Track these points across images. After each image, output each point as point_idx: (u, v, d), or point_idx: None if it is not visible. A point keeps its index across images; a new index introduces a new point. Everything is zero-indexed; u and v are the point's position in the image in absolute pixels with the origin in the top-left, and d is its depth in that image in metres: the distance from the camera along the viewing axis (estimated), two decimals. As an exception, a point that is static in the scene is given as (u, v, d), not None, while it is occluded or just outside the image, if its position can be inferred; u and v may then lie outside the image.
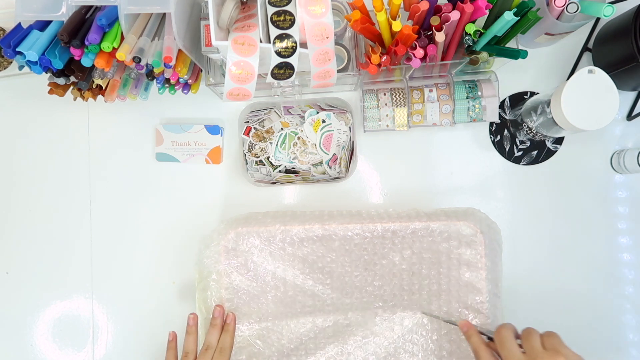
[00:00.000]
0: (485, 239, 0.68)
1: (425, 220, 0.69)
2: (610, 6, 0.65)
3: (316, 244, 0.70)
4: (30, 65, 0.67)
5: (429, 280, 0.70)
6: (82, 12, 0.67)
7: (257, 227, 0.70)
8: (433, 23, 0.68)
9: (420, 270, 0.70)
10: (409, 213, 0.71)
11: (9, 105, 0.88)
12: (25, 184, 0.87)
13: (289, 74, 0.63)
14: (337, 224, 0.69)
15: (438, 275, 0.70)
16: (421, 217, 0.70)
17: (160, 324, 0.83)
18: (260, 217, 0.72)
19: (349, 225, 0.69)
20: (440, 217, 0.70)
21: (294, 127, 0.81)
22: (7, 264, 0.86)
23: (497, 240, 0.71)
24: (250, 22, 0.61)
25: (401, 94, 0.81)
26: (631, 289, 0.83)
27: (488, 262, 0.68)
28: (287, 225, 0.69)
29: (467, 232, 0.69)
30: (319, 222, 0.70)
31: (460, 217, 0.69)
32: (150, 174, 0.86)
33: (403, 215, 0.70)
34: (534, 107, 0.76)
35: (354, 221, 0.70)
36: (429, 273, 0.70)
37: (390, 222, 0.69)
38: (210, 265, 0.71)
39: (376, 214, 0.71)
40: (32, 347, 0.85)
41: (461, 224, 0.69)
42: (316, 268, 0.71)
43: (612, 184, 0.84)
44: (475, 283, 0.68)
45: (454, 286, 0.70)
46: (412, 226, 0.69)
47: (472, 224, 0.68)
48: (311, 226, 0.69)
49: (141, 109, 0.86)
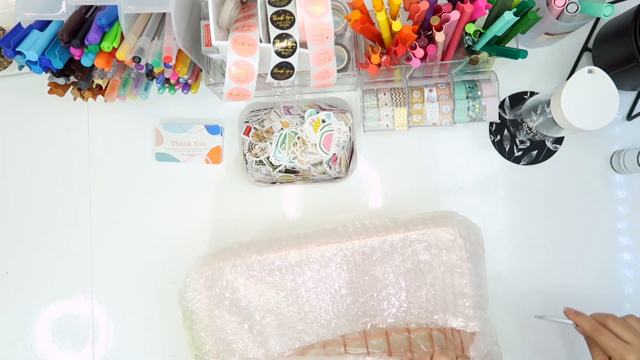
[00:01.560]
0: (465, 243, 0.66)
1: (403, 231, 0.67)
2: (610, 6, 0.65)
3: (295, 270, 0.69)
4: (30, 65, 0.67)
5: (414, 292, 0.69)
6: (82, 11, 0.67)
7: (233, 259, 0.68)
8: (433, 23, 0.68)
9: (404, 282, 0.69)
10: (385, 225, 0.69)
11: (9, 105, 0.88)
12: (25, 184, 0.87)
13: (288, 74, 0.63)
14: (314, 246, 0.67)
15: (422, 286, 0.69)
16: (398, 229, 0.68)
17: (160, 324, 0.83)
18: (235, 247, 0.70)
19: (325, 246, 0.67)
20: (418, 225, 0.68)
21: (294, 127, 0.81)
22: (7, 264, 0.86)
23: (478, 241, 0.70)
24: (250, 22, 0.61)
25: (401, 94, 0.81)
26: (631, 289, 0.83)
27: (471, 265, 0.67)
28: (263, 254, 0.67)
29: (447, 237, 0.67)
30: (295, 246, 0.68)
31: (438, 223, 0.68)
32: (150, 173, 0.86)
33: (380, 228, 0.68)
34: (534, 107, 0.76)
35: (331, 241, 0.68)
36: (412, 284, 0.69)
37: (367, 238, 0.67)
38: (193, 304, 0.69)
39: (353, 229, 0.69)
40: (32, 347, 0.85)
41: (439, 230, 0.67)
42: (298, 294, 0.69)
43: (612, 184, 0.84)
44: (462, 288, 0.67)
45: (440, 294, 0.69)
46: (389, 239, 0.67)
47: (450, 228, 0.66)
48: (287, 252, 0.67)
49: (141, 109, 0.86)
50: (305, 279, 0.69)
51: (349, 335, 0.74)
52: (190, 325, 0.70)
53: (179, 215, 0.85)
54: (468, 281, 0.67)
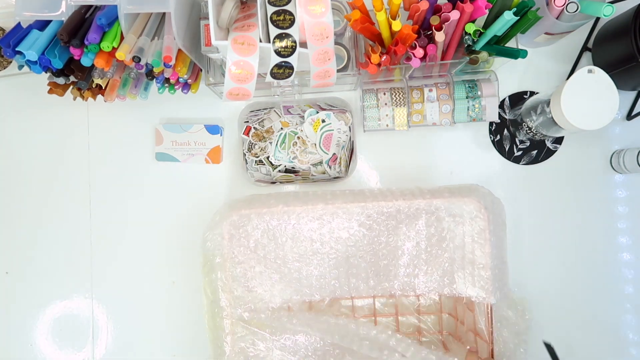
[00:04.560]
0: (489, 215, 0.67)
1: (429, 198, 0.68)
2: (610, 6, 0.65)
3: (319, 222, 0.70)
4: (30, 65, 0.67)
5: (435, 257, 0.70)
6: (82, 11, 0.67)
7: (259, 208, 0.68)
8: (433, 23, 0.68)
9: (426, 247, 0.70)
10: (412, 191, 0.69)
11: (9, 105, 0.88)
12: (25, 184, 0.87)
13: (288, 74, 0.63)
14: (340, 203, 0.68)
15: (443, 252, 0.70)
16: (425, 195, 0.69)
17: (160, 323, 0.83)
18: (263, 198, 0.71)
19: (352, 204, 0.68)
20: (444, 194, 0.69)
21: (293, 126, 0.81)
22: (7, 264, 0.86)
23: (501, 216, 0.70)
24: (250, 22, 0.61)
25: (401, 94, 0.81)
26: (631, 289, 0.83)
27: (492, 237, 0.67)
28: (290, 206, 0.68)
29: (471, 208, 0.68)
30: (322, 201, 0.68)
31: (464, 194, 0.68)
32: (150, 173, 0.86)
33: (407, 193, 0.69)
34: (533, 106, 0.76)
35: (357, 200, 0.68)
36: (433, 250, 0.70)
37: (394, 200, 0.68)
38: (214, 248, 0.70)
39: (379, 192, 0.70)
40: (32, 346, 0.85)
41: (465, 200, 0.68)
42: (320, 247, 0.71)
43: (612, 183, 0.84)
44: (480, 258, 0.68)
45: (459, 263, 0.69)
46: (415, 203, 0.68)
47: (475, 200, 0.67)
48: (314, 206, 0.68)
49: (141, 109, 0.86)
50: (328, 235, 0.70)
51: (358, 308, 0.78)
52: (208, 270, 0.70)
53: (178, 215, 0.85)
54: (489, 252, 0.67)
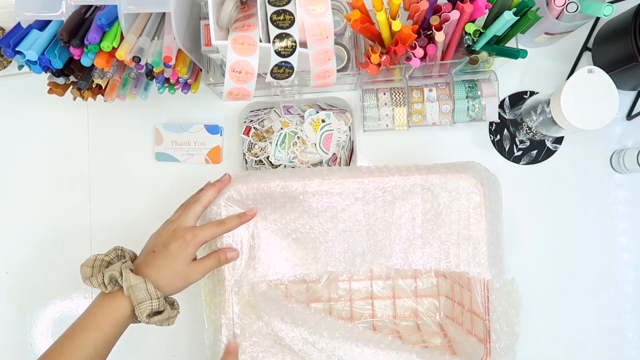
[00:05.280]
0: (485, 191, 0.68)
1: (425, 174, 0.69)
2: (610, 6, 0.65)
3: (315, 199, 0.70)
4: (30, 65, 0.67)
5: (431, 233, 0.71)
6: (82, 11, 0.67)
7: (256, 183, 0.68)
8: (433, 23, 0.68)
9: (422, 223, 0.71)
10: (408, 167, 0.70)
11: (8, 105, 0.88)
12: (24, 184, 0.87)
13: (288, 74, 0.63)
14: (336, 178, 0.69)
15: (439, 228, 0.70)
16: (421, 171, 0.69)
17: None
18: (259, 174, 0.71)
19: (348, 179, 0.68)
20: (440, 169, 0.69)
21: (293, 126, 0.81)
22: (7, 264, 0.86)
23: (497, 193, 0.71)
24: (250, 22, 0.61)
25: (401, 94, 0.81)
26: (631, 289, 0.83)
27: (488, 213, 0.68)
28: (287, 181, 0.68)
29: (467, 184, 0.68)
30: (319, 177, 0.69)
31: (460, 170, 0.69)
32: (150, 173, 0.86)
33: (403, 169, 0.70)
34: (533, 106, 0.76)
35: (354, 176, 0.69)
36: (429, 225, 0.71)
37: (390, 176, 0.68)
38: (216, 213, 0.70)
39: (376, 169, 0.70)
40: (31, 346, 0.85)
41: (461, 176, 0.68)
42: (315, 224, 0.72)
43: (612, 183, 0.84)
44: (475, 234, 0.68)
45: (454, 239, 0.70)
46: (411, 179, 0.69)
47: (471, 176, 0.68)
48: (310, 181, 0.68)
49: (141, 109, 0.86)
50: (324, 210, 0.71)
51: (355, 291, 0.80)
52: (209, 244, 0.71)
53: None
54: (484, 228, 0.67)
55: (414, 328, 0.78)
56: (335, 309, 0.80)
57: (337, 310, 0.80)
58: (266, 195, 0.69)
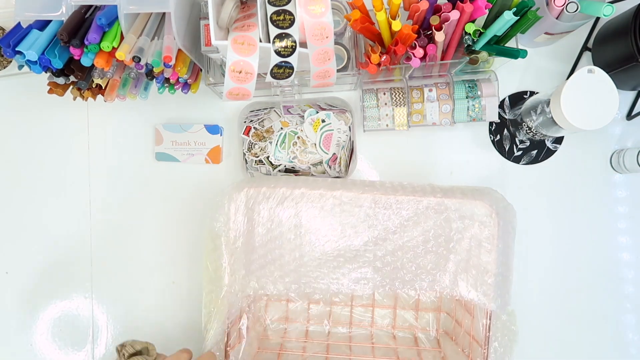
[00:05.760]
0: (499, 221, 0.66)
1: (440, 196, 0.67)
2: (610, 6, 0.65)
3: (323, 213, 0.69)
4: (30, 65, 0.67)
5: (440, 258, 0.69)
6: (82, 11, 0.67)
7: (265, 187, 0.68)
8: (433, 22, 0.68)
9: (431, 247, 0.70)
10: (423, 188, 0.68)
11: (8, 105, 0.88)
12: (24, 184, 0.87)
13: (288, 74, 0.63)
14: (348, 193, 0.67)
15: (449, 253, 0.69)
16: (436, 193, 0.68)
17: (160, 323, 0.83)
18: (272, 179, 0.71)
19: (360, 195, 0.67)
20: (456, 194, 0.68)
21: (293, 126, 0.81)
22: (7, 264, 0.86)
23: (512, 223, 0.69)
24: (250, 22, 0.61)
25: (401, 94, 0.81)
26: (631, 289, 0.83)
27: (500, 243, 0.66)
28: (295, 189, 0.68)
29: (482, 212, 0.67)
30: (329, 189, 0.67)
31: (477, 196, 0.68)
32: (150, 173, 0.86)
33: (418, 189, 0.68)
34: (533, 106, 0.76)
35: (366, 191, 0.67)
36: (439, 250, 0.69)
37: (403, 195, 0.67)
38: (220, 228, 0.69)
39: (390, 186, 0.69)
40: (31, 346, 0.85)
41: (477, 203, 0.67)
42: (323, 237, 0.70)
43: (612, 183, 0.84)
44: (485, 264, 0.67)
45: (464, 266, 0.69)
46: (425, 201, 0.67)
47: (487, 204, 0.66)
48: (320, 191, 0.67)
49: (141, 109, 0.86)
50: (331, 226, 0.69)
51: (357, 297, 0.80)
52: (212, 248, 0.70)
53: (178, 215, 0.85)
54: (495, 259, 0.66)
55: (412, 340, 0.78)
56: (335, 312, 0.79)
57: (336, 314, 0.79)
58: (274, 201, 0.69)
